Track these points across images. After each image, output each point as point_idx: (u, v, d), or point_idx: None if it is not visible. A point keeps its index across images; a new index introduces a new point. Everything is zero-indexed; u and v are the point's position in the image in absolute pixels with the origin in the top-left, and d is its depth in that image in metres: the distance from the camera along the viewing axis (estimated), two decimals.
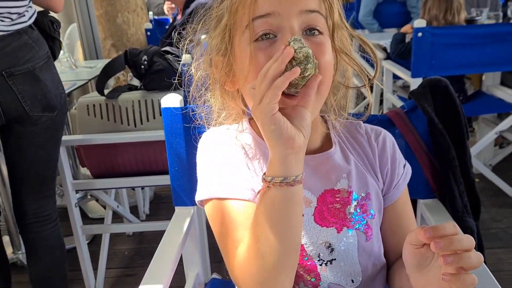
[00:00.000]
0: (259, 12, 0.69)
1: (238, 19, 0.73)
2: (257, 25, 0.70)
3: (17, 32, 1.43)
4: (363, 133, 0.87)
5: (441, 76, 1.10)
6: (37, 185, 1.60)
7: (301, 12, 0.69)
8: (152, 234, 2.47)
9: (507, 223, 2.41)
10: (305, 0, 0.70)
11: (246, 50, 0.71)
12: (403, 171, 0.86)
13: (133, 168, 1.91)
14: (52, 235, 1.65)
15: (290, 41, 0.63)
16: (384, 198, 0.84)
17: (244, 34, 0.72)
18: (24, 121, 1.48)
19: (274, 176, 0.64)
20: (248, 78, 0.71)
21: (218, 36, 0.77)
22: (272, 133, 0.61)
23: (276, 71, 0.61)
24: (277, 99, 0.60)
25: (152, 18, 4.09)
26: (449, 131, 1.02)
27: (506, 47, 2.31)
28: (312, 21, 0.70)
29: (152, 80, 1.90)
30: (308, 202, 0.79)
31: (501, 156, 2.94)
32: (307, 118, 0.63)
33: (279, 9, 0.68)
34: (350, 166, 0.82)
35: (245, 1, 0.71)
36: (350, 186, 0.81)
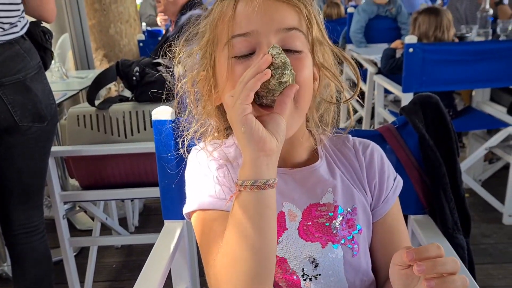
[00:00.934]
0: (237, 31, 0.71)
1: (218, 34, 0.74)
2: (235, 42, 0.71)
3: (9, 42, 1.42)
4: (351, 146, 0.86)
5: (431, 91, 1.11)
6: (25, 196, 1.58)
7: (279, 30, 0.70)
8: (141, 246, 2.45)
9: (497, 238, 2.42)
10: (283, 17, 0.71)
11: (225, 65, 0.72)
12: (392, 185, 0.85)
13: (123, 180, 1.90)
14: (39, 247, 1.62)
15: (269, 50, 0.65)
16: (373, 212, 0.84)
17: (223, 50, 0.73)
18: (14, 131, 1.47)
19: (245, 179, 0.63)
20: (225, 91, 0.72)
21: (200, 51, 0.78)
22: (243, 134, 0.62)
23: (252, 75, 0.62)
24: (249, 100, 0.61)
25: (145, 29, 4.09)
26: (440, 148, 1.03)
27: (495, 64, 2.34)
28: (291, 39, 0.71)
29: (144, 91, 1.89)
30: (292, 216, 0.79)
31: (490, 171, 2.97)
32: (281, 124, 0.64)
33: (257, 27, 0.70)
34: (335, 180, 0.82)
35: (224, 18, 0.73)
36: (336, 201, 0.80)
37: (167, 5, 2.53)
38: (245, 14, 0.71)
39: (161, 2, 2.54)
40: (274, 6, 0.71)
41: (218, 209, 0.75)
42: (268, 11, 0.70)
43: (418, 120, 1.04)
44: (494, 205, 2.62)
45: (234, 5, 0.72)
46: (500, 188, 2.63)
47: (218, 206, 0.75)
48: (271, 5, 0.71)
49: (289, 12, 0.72)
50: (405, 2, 4.58)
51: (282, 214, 0.79)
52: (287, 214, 0.79)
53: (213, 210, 0.75)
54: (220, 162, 0.80)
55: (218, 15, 0.74)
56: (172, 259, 1.03)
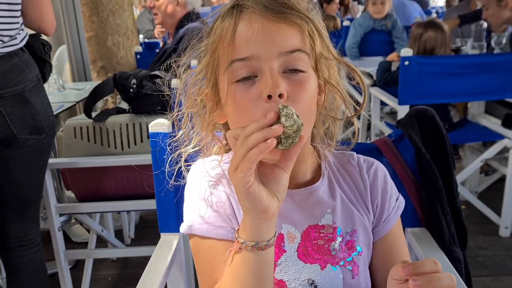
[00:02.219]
0: (237, 55, 0.69)
1: (219, 57, 0.72)
2: (236, 67, 0.69)
3: (8, 55, 1.43)
4: (355, 164, 0.85)
5: (427, 104, 1.12)
6: (21, 208, 1.57)
7: (280, 54, 0.68)
8: (137, 259, 2.43)
9: (493, 250, 2.42)
10: (284, 40, 0.68)
11: (226, 90, 0.71)
12: (394, 205, 0.84)
13: (119, 192, 1.89)
14: (34, 260, 1.61)
15: (281, 110, 0.61)
16: (374, 231, 0.83)
17: (225, 74, 0.71)
18: (11, 143, 1.46)
19: (246, 240, 0.64)
20: (230, 120, 0.72)
21: (201, 72, 0.77)
22: (246, 205, 0.61)
23: (255, 142, 0.59)
24: (251, 172, 0.59)
25: (142, 41, 4.11)
26: (436, 161, 1.03)
27: (490, 76, 2.36)
28: (293, 60, 0.69)
29: (141, 103, 1.89)
30: (291, 237, 0.78)
31: (486, 183, 2.97)
32: (284, 182, 0.63)
33: (257, 52, 0.67)
34: (335, 201, 0.80)
35: (224, 41, 0.70)
36: (335, 222, 0.79)
37: (165, 17, 2.55)
38: (245, 38, 0.68)
39: (158, 15, 2.56)
40: (275, 28, 0.68)
41: (213, 238, 0.75)
42: (268, 34, 0.68)
43: (414, 133, 1.04)
44: (491, 217, 2.62)
45: (233, 27, 0.69)
46: (496, 200, 2.63)
47: (213, 234, 0.75)
48: (271, 27, 0.68)
49: (290, 32, 0.69)
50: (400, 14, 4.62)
51: (281, 236, 0.78)
52: (286, 236, 0.78)
53: (208, 238, 0.76)
54: (218, 186, 0.79)
55: (218, 38, 0.72)
56: (169, 272, 1.02)
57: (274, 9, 0.68)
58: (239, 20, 0.69)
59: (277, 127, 0.60)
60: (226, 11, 0.73)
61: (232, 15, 0.71)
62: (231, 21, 0.70)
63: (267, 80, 0.66)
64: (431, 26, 2.65)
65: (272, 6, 0.69)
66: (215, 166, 0.81)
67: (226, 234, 0.75)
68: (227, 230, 0.75)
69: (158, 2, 2.52)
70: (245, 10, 0.70)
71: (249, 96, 0.67)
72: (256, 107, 0.67)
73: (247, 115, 0.68)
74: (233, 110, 0.71)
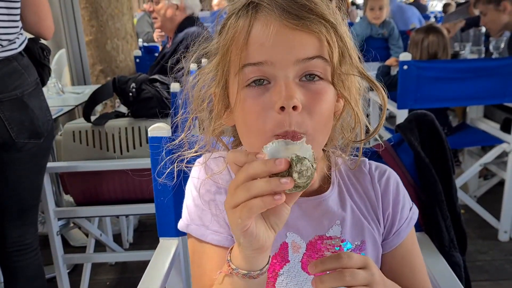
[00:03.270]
0: (250, 60, 0.63)
1: (231, 59, 0.67)
2: (247, 71, 0.64)
3: (7, 59, 1.43)
4: (367, 172, 0.80)
5: (426, 108, 1.12)
6: (19, 212, 1.57)
7: (297, 61, 0.62)
8: (135, 263, 2.42)
9: (493, 255, 2.41)
10: (302, 46, 0.63)
11: (237, 95, 0.66)
12: (407, 216, 0.80)
13: (118, 196, 1.88)
14: (32, 264, 1.60)
15: (294, 162, 0.53)
16: (383, 244, 0.79)
17: (236, 77, 0.66)
18: (9, 148, 1.46)
19: (238, 267, 0.61)
20: (238, 126, 0.68)
21: (211, 72, 0.72)
22: (241, 243, 0.58)
23: (261, 192, 0.53)
24: (250, 221, 0.55)
25: (141, 45, 4.12)
26: (436, 166, 1.03)
27: (489, 81, 2.36)
28: (311, 67, 0.63)
29: (140, 107, 1.90)
30: (296, 247, 0.74)
31: (485, 187, 2.98)
32: (284, 215, 0.58)
33: (272, 58, 0.62)
34: (345, 212, 0.76)
35: (237, 42, 0.65)
36: (343, 234, 0.75)
37: (164, 22, 2.56)
38: (259, 42, 0.63)
39: (158, 19, 2.57)
40: (292, 33, 0.62)
41: (208, 242, 0.74)
42: (285, 39, 0.62)
43: (414, 138, 1.04)
44: (490, 222, 2.62)
45: (248, 29, 0.64)
46: (495, 204, 2.63)
47: (209, 239, 0.74)
48: (288, 32, 0.62)
49: (309, 38, 0.63)
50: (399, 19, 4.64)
51: (285, 245, 0.75)
52: (290, 245, 0.75)
53: (203, 242, 0.74)
54: (220, 190, 0.76)
55: (231, 39, 0.66)
56: (167, 277, 1.02)
57: (293, 12, 0.62)
58: (254, 21, 0.64)
59: (287, 182, 0.53)
60: (240, 8, 0.67)
61: (247, 14, 0.65)
62: (246, 22, 0.65)
63: (281, 90, 0.61)
64: (432, 31, 2.67)
65: (291, 9, 0.62)
66: (220, 165, 0.77)
67: (222, 241, 0.73)
68: (223, 237, 0.74)
69: (157, 6, 2.52)
70: (261, 10, 0.64)
71: (260, 104, 0.63)
72: (266, 117, 0.63)
73: (257, 124, 0.64)
74: (242, 117, 0.66)
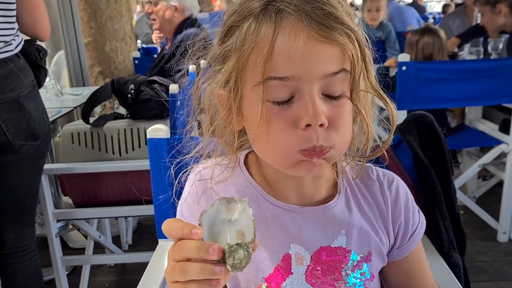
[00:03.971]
0: (275, 73, 0.59)
1: (249, 68, 0.62)
2: (272, 85, 0.60)
3: (3, 61, 1.42)
4: (375, 178, 0.77)
5: (424, 109, 1.12)
6: (16, 214, 1.56)
7: (325, 76, 0.60)
8: (134, 265, 2.42)
9: (492, 256, 2.41)
10: (328, 59, 0.60)
11: (257, 107, 0.62)
12: (418, 220, 0.78)
13: (117, 198, 1.88)
14: (30, 266, 1.60)
15: (226, 252, 0.52)
16: (399, 250, 0.77)
17: (255, 88, 0.62)
18: (6, 149, 1.46)
19: None
20: (259, 138, 0.64)
21: (223, 75, 0.66)
22: None
23: (196, 276, 0.53)
24: None
25: (140, 46, 4.12)
26: (434, 166, 1.03)
27: (487, 82, 2.36)
28: (336, 81, 0.61)
29: (139, 109, 1.90)
30: (300, 259, 0.72)
31: (484, 188, 2.98)
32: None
33: (299, 72, 0.59)
34: (351, 221, 0.73)
35: (258, 52, 0.60)
36: (349, 245, 0.73)
37: (163, 23, 2.56)
38: (286, 55, 0.58)
39: (156, 20, 2.57)
40: (318, 46, 0.59)
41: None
42: (312, 52, 0.59)
43: (413, 139, 1.04)
44: (489, 222, 2.62)
45: (272, 38, 0.59)
46: (494, 205, 2.63)
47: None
48: (316, 44, 0.59)
49: (335, 51, 0.60)
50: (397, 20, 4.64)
51: (288, 256, 0.72)
52: (293, 257, 0.72)
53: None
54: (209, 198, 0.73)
55: (253, 46, 0.61)
56: None
57: (320, 22, 0.59)
58: (279, 29, 0.59)
59: (221, 272, 0.52)
60: (259, 12, 0.62)
61: (271, 20, 0.60)
62: (270, 29, 0.60)
63: (307, 106, 0.59)
64: (428, 32, 2.67)
65: (318, 17, 0.59)
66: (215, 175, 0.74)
67: None
68: None
69: (156, 8, 2.52)
70: (286, 17, 0.60)
71: (284, 120, 0.60)
72: (291, 134, 0.61)
73: (280, 139, 0.62)
74: (264, 132, 0.62)
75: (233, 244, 0.53)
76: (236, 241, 0.54)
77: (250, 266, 0.69)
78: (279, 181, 0.72)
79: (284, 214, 0.72)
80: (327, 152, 0.62)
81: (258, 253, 0.71)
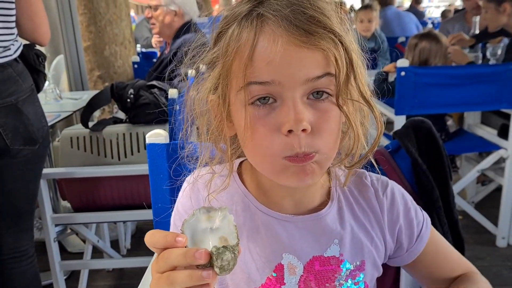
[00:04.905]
0: (256, 78, 0.59)
1: (233, 73, 0.62)
2: (253, 89, 0.60)
3: (1, 65, 1.43)
4: (369, 184, 0.76)
5: (423, 114, 1.12)
6: (14, 219, 1.56)
7: (307, 81, 0.59)
8: (133, 270, 2.41)
9: (491, 261, 2.41)
10: (311, 64, 0.59)
11: (241, 112, 0.62)
12: (423, 219, 0.78)
13: (116, 202, 1.88)
14: (28, 271, 1.60)
15: (214, 254, 0.52)
16: (408, 253, 0.77)
17: (239, 93, 0.62)
18: (4, 154, 1.46)
19: None
20: (246, 144, 0.64)
21: (210, 82, 0.67)
22: None
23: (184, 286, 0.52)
24: None
25: (139, 51, 4.13)
26: (433, 172, 1.03)
27: (486, 87, 2.37)
28: (320, 85, 0.60)
29: (138, 113, 1.90)
30: (293, 269, 0.71)
31: (483, 193, 2.98)
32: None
33: (280, 78, 0.58)
34: (344, 230, 0.72)
35: (240, 57, 0.61)
36: (342, 254, 0.72)
37: (162, 28, 2.56)
38: (265, 60, 0.58)
39: (156, 25, 2.57)
40: (299, 51, 0.58)
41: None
42: (293, 57, 0.58)
43: (411, 144, 1.04)
44: (488, 227, 2.62)
45: (253, 43, 0.59)
46: (493, 210, 2.63)
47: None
48: (296, 49, 0.58)
49: (317, 55, 0.59)
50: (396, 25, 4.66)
51: (280, 266, 0.71)
52: (286, 267, 0.71)
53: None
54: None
55: (234, 51, 0.61)
56: None
57: (301, 26, 0.58)
58: (259, 35, 0.59)
59: (209, 276, 0.51)
60: (242, 17, 0.62)
61: (251, 25, 0.60)
62: (250, 34, 0.60)
63: (289, 111, 0.59)
64: (426, 37, 2.68)
65: (298, 22, 0.58)
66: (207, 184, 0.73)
67: None
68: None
69: (156, 13, 2.53)
70: (266, 22, 0.59)
71: (267, 125, 0.60)
72: (274, 139, 0.60)
73: (264, 145, 0.62)
74: (249, 137, 0.62)
75: (220, 247, 0.53)
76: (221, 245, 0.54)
77: (242, 276, 0.71)
78: (273, 189, 0.72)
79: (276, 223, 0.71)
80: (313, 157, 0.61)
81: (250, 263, 0.71)
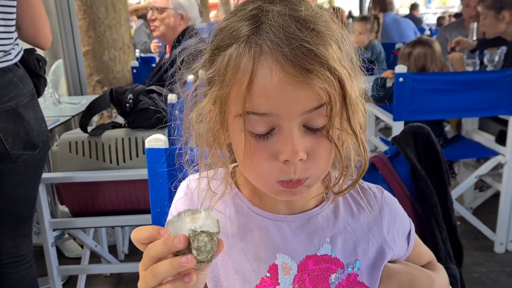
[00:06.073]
0: (254, 109, 0.60)
1: (232, 98, 0.63)
2: (251, 119, 0.61)
3: (2, 70, 1.43)
4: (367, 187, 0.79)
5: (421, 120, 1.12)
6: (13, 223, 1.56)
7: (304, 113, 0.60)
8: (130, 275, 2.40)
9: (489, 266, 2.41)
10: (307, 98, 0.59)
11: (240, 137, 0.63)
12: (409, 225, 0.81)
13: (114, 207, 1.88)
14: (26, 276, 1.59)
15: (191, 237, 0.54)
16: (406, 251, 0.81)
17: (236, 119, 0.63)
18: (4, 159, 1.46)
19: None
20: (245, 167, 0.65)
21: (208, 100, 0.67)
22: None
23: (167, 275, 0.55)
24: None
25: (138, 56, 4.14)
26: (431, 177, 1.04)
27: (483, 93, 2.38)
28: (316, 116, 0.61)
29: (137, 118, 1.90)
30: (287, 269, 0.71)
31: (481, 199, 2.98)
32: (201, 280, 0.59)
33: (277, 110, 0.59)
34: (336, 228, 0.74)
35: (239, 85, 0.61)
36: (334, 252, 0.73)
37: (166, 31, 2.55)
38: (264, 93, 0.59)
39: (159, 27, 2.56)
40: (296, 87, 0.58)
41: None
42: (290, 92, 0.58)
43: (410, 150, 1.05)
44: (486, 233, 2.62)
45: (251, 73, 0.59)
46: (491, 216, 2.64)
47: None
48: (292, 85, 0.58)
49: (313, 91, 0.59)
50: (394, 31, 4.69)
51: (274, 266, 0.71)
52: (280, 267, 0.71)
53: None
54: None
55: (233, 78, 0.61)
56: None
57: (296, 62, 0.58)
58: (258, 66, 0.59)
59: (188, 261, 0.54)
60: (242, 40, 0.61)
61: (250, 53, 0.60)
62: (249, 63, 0.59)
63: (286, 143, 0.60)
64: (419, 44, 2.70)
65: (294, 57, 0.58)
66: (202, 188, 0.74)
67: None
68: None
69: (161, 15, 2.52)
70: (264, 54, 0.59)
71: (265, 151, 0.62)
72: (271, 165, 0.62)
73: (260, 168, 0.64)
74: (249, 162, 0.64)
75: (197, 230, 0.55)
76: None
77: (237, 277, 0.71)
78: (267, 193, 0.71)
79: (269, 224, 0.72)
80: (304, 182, 0.64)
81: (244, 264, 0.72)
